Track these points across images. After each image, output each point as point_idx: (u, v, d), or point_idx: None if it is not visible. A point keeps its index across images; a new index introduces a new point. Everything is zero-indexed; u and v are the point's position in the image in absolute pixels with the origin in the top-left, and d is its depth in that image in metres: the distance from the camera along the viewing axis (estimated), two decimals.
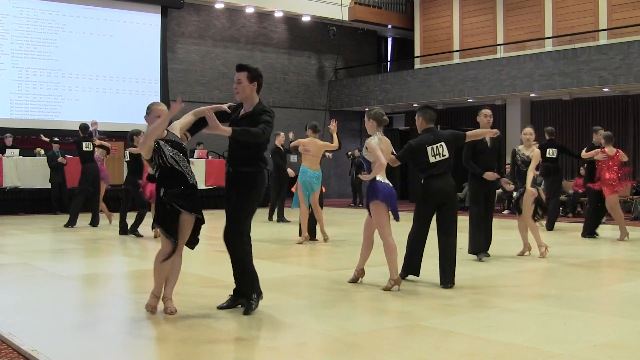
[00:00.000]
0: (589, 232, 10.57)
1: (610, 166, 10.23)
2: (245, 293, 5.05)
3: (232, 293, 5.22)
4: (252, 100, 5.13)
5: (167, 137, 5.00)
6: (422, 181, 6.34)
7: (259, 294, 5.07)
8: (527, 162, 8.27)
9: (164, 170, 4.94)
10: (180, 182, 4.94)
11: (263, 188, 5.18)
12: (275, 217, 13.32)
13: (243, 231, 5.09)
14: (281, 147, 12.91)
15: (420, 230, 6.30)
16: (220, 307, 5.13)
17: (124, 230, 10.50)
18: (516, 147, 8.65)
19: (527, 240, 8.37)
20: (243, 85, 5.07)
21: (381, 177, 5.85)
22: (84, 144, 11.83)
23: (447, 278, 6.11)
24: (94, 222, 11.88)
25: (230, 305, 5.14)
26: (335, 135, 9.54)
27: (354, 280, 6.23)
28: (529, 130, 8.57)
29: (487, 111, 8.12)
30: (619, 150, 10.47)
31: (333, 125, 9.51)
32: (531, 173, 8.16)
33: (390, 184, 5.92)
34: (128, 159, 10.36)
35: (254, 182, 5.08)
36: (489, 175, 7.83)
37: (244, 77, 5.07)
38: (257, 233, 11.10)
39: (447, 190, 6.22)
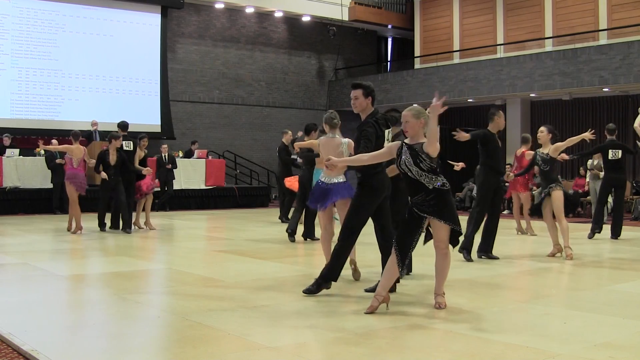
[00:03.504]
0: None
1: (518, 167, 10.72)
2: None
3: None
4: (367, 111, 5.78)
5: (412, 142, 5.06)
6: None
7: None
8: (547, 161, 8.28)
9: (404, 176, 5.10)
10: (420, 189, 5.02)
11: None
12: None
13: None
14: (288, 145, 12.90)
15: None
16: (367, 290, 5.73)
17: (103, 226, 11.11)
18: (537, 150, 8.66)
19: (557, 240, 8.26)
20: (360, 101, 5.75)
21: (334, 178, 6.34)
22: (124, 143, 11.36)
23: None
24: (120, 226, 11.07)
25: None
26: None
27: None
28: (542, 128, 8.59)
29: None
30: (525, 152, 10.81)
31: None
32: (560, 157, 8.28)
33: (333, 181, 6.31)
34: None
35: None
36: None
37: (359, 93, 5.74)
38: (260, 233, 11.21)
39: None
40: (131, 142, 11.70)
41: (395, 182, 5.95)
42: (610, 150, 10.54)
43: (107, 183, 10.85)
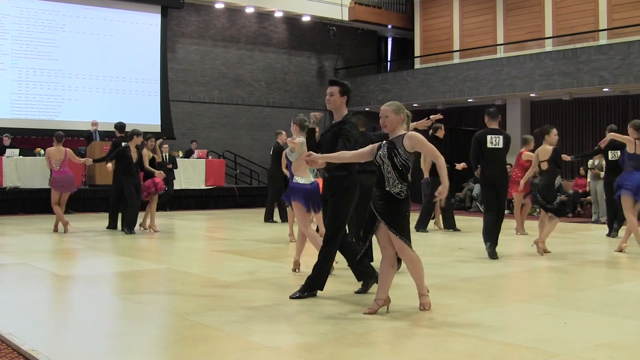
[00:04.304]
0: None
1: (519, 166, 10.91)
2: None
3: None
4: (342, 111, 5.71)
5: (391, 137, 5.08)
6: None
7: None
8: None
9: (377, 170, 5.11)
10: (379, 185, 5.04)
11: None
12: (272, 216, 13.29)
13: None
14: (283, 146, 12.90)
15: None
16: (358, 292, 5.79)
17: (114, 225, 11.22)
18: None
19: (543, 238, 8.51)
20: (335, 98, 5.67)
21: (300, 178, 6.45)
22: (123, 144, 11.22)
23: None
24: (112, 225, 11.37)
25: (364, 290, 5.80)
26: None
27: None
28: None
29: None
30: (522, 152, 10.87)
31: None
32: (530, 172, 8.38)
33: (310, 181, 6.49)
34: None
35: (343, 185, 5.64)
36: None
37: (335, 90, 5.67)
38: (260, 233, 11.20)
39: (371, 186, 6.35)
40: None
41: (366, 186, 5.95)
42: (609, 151, 10.55)
43: (131, 179, 10.70)
